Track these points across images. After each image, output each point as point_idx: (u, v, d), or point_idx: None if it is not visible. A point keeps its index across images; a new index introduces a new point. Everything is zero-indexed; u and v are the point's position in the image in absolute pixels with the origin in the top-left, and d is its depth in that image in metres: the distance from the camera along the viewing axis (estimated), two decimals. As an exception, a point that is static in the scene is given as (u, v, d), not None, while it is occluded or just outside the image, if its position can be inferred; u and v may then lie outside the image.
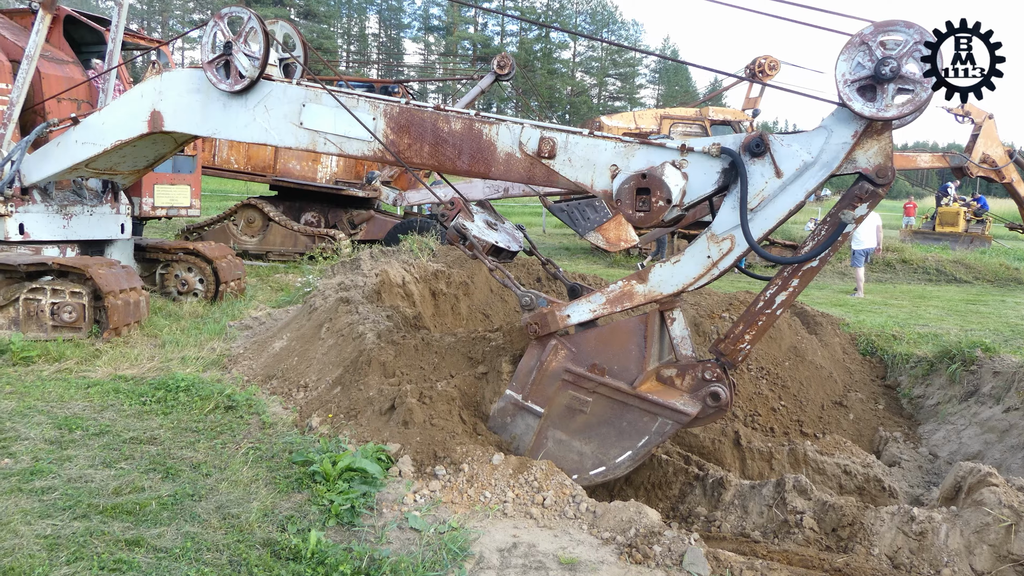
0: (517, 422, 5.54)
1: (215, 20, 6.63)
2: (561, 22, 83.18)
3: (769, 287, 5.16)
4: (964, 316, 12.55)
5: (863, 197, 4.83)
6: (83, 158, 7.94)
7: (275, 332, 8.02)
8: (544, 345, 5.46)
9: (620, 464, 5.33)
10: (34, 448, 4.87)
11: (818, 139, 4.88)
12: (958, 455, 7.42)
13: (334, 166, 16.02)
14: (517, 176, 5.91)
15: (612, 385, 5.27)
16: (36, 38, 8.51)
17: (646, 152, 5.31)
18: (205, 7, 68.37)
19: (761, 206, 4.97)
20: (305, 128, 6.53)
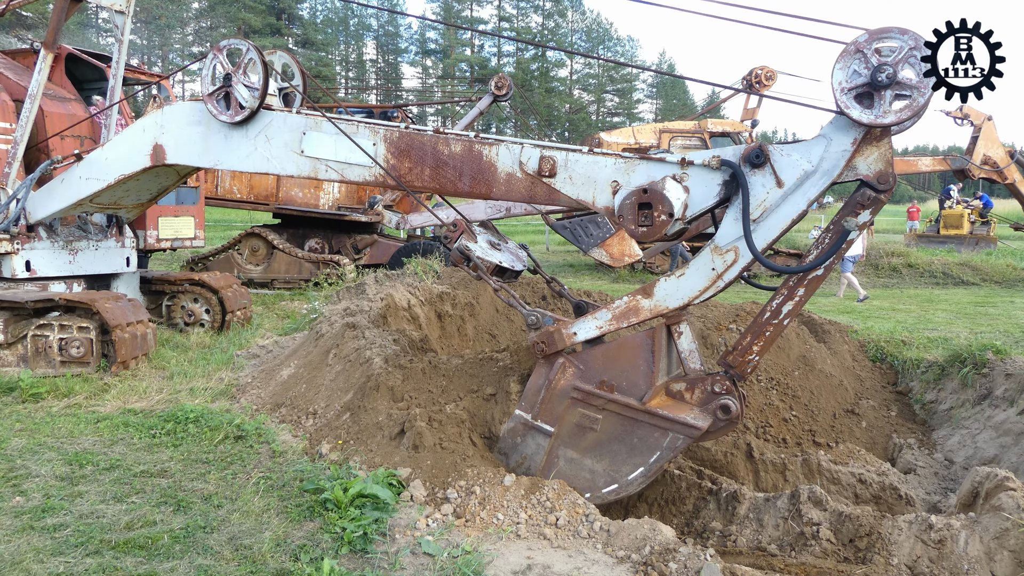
0: (527, 442, 5.49)
1: (214, 52, 6.67)
2: (557, 41, 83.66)
3: (775, 297, 5.13)
4: (973, 319, 12.49)
5: (865, 204, 4.84)
6: (87, 193, 7.98)
7: (282, 360, 8.01)
8: (552, 363, 5.42)
9: (632, 481, 5.29)
10: (45, 485, 4.86)
11: (818, 148, 4.88)
12: (974, 460, 7.35)
13: (336, 192, 16.08)
14: (518, 196, 5.89)
15: (621, 401, 5.24)
16: (39, 77, 8.57)
17: (646, 167, 5.31)
18: (204, 40, 68.99)
19: (763, 216, 4.97)
20: (306, 156, 6.56)
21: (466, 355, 7.03)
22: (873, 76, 4.52)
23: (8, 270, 8.65)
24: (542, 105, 74.06)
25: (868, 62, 4.53)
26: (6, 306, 7.83)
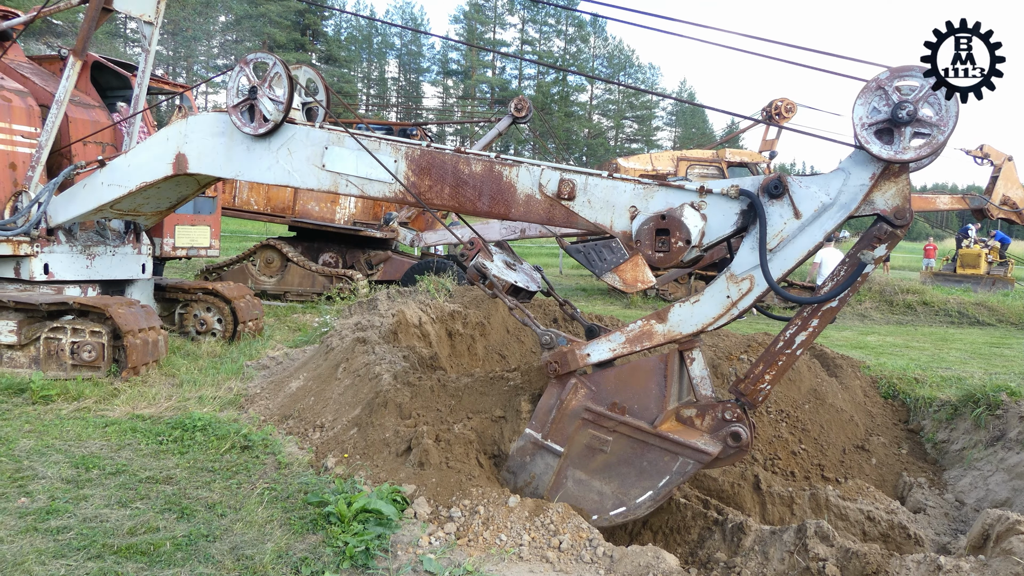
0: (536, 461, 5.44)
1: (241, 65, 6.79)
2: (579, 66, 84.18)
3: (789, 327, 5.13)
4: (988, 359, 12.37)
5: (882, 238, 4.86)
6: (108, 199, 8.08)
7: (292, 372, 8.03)
8: (564, 384, 5.40)
9: (640, 504, 5.25)
10: (51, 487, 4.87)
11: (836, 181, 4.90)
12: (985, 502, 7.26)
13: (352, 207, 16.17)
14: (537, 217, 5.95)
15: (633, 424, 5.22)
16: (66, 84, 8.69)
17: (665, 194, 5.37)
18: (229, 53, 69.86)
19: (780, 246, 4.99)
20: (327, 170, 6.66)
21: (476, 374, 7.04)
22: (894, 113, 4.56)
23: (27, 272, 8.72)
24: (561, 129, 74.47)
25: (889, 99, 4.58)
26: (21, 308, 7.89)
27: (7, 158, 8.77)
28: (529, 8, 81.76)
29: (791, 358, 5.13)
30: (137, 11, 8.84)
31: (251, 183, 15.58)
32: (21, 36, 9.84)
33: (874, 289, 21.06)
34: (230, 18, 68.19)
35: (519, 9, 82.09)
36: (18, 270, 8.79)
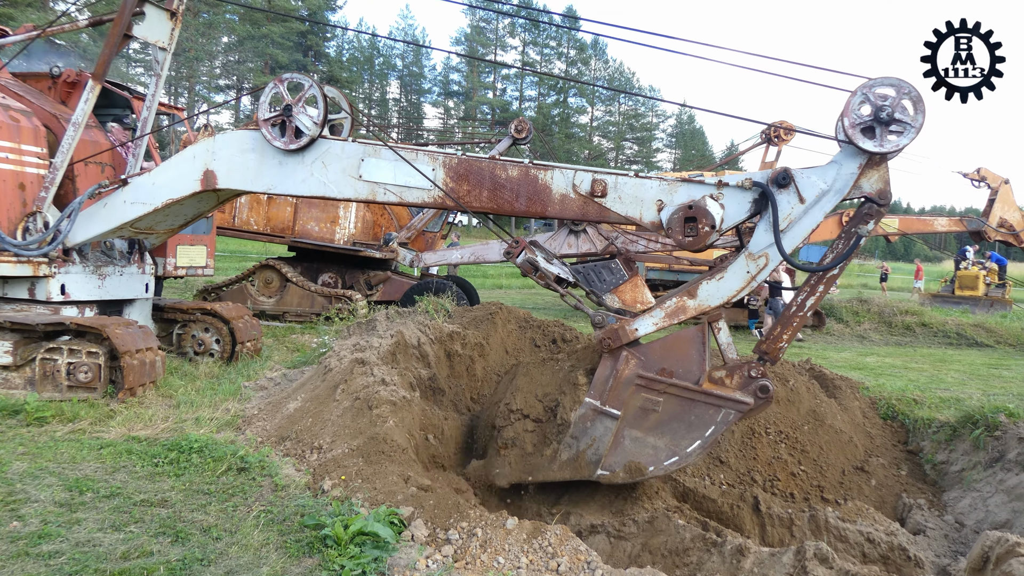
0: (596, 426, 6.20)
1: (275, 83, 7.34)
2: (579, 89, 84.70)
3: (799, 294, 6.15)
4: (986, 380, 12.35)
5: (871, 215, 5.88)
6: (132, 217, 8.35)
7: (290, 393, 8.00)
8: (617, 356, 6.20)
9: (691, 453, 6.15)
10: (43, 511, 4.83)
11: (831, 171, 5.94)
12: (985, 524, 7.22)
13: (352, 228, 16.20)
14: (571, 214, 6.74)
15: (681, 385, 6.11)
16: (84, 107, 8.73)
17: (687, 188, 6.31)
18: (231, 73, 70.29)
19: (789, 227, 5.97)
20: (364, 180, 7.21)
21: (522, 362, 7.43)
22: (876, 114, 5.59)
23: (43, 293, 8.76)
24: (561, 150, 74.75)
25: (872, 103, 5.59)
26: (16, 328, 7.87)
27: (16, 178, 8.80)
28: (530, 30, 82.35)
29: (802, 319, 6.16)
30: (153, 37, 8.95)
31: (251, 203, 15.66)
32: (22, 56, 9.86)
33: (873, 311, 21.07)
34: (232, 39, 68.63)
35: (520, 31, 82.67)
36: (33, 291, 8.80)
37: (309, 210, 16.11)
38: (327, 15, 73.87)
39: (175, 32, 9.21)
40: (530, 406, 6.74)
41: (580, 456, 6.29)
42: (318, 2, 73.57)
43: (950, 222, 20.86)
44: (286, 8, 68.22)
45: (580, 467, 6.35)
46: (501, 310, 10.65)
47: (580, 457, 6.29)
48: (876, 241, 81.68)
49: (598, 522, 6.14)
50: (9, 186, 8.69)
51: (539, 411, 6.75)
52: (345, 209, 16.03)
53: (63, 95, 9.86)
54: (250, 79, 67.99)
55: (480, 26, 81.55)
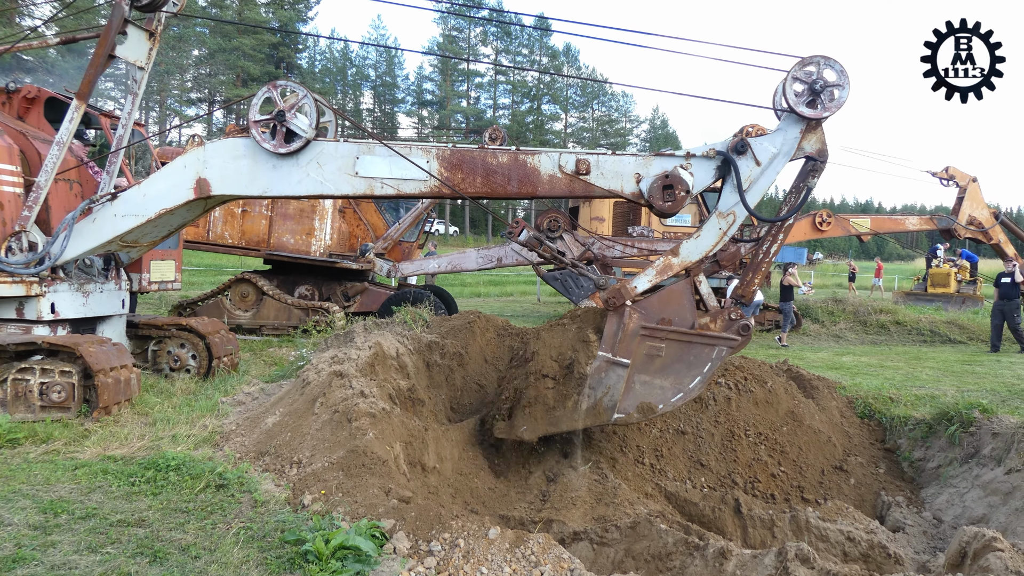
0: (610, 375, 7.11)
1: (269, 88, 7.77)
2: (552, 95, 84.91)
3: (763, 242, 7.57)
4: (960, 377, 12.52)
5: (815, 171, 7.17)
6: (123, 230, 8.50)
7: (268, 407, 7.93)
8: (622, 312, 7.12)
9: (693, 388, 7.20)
10: (17, 534, 4.74)
11: (778, 137, 7.14)
12: (962, 519, 7.31)
13: (328, 239, 16.12)
14: (560, 192, 7.52)
15: (679, 330, 7.16)
16: (69, 126, 8.69)
17: (660, 161, 7.35)
18: (203, 86, 69.80)
19: (750, 187, 7.10)
20: (361, 177, 7.73)
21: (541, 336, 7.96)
22: (812, 87, 6.84)
23: (33, 312, 8.71)
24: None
25: (805, 77, 6.86)
26: (-11, 349, 7.74)
27: None
28: (502, 39, 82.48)
29: (768, 264, 7.58)
30: (133, 57, 8.96)
31: (224, 217, 15.56)
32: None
33: (848, 310, 21.29)
34: (203, 52, 68.20)
35: (492, 40, 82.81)
36: (21, 311, 8.73)
37: (284, 223, 16.02)
38: (299, 26, 73.60)
39: (152, 52, 9.24)
40: (548, 366, 7.44)
41: (598, 404, 7.16)
42: (289, 14, 73.32)
43: (921, 221, 21.16)
44: (257, 20, 67.92)
45: (599, 413, 7.20)
46: (479, 319, 10.64)
47: (598, 405, 7.17)
48: (850, 241, 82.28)
49: (580, 529, 6.14)
50: None
51: (556, 370, 7.45)
52: (320, 221, 15.96)
53: (21, 111, 9.71)
54: (222, 92, 67.56)
55: (452, 35, 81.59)
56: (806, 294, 29.57)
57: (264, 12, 71.09)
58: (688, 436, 8.78)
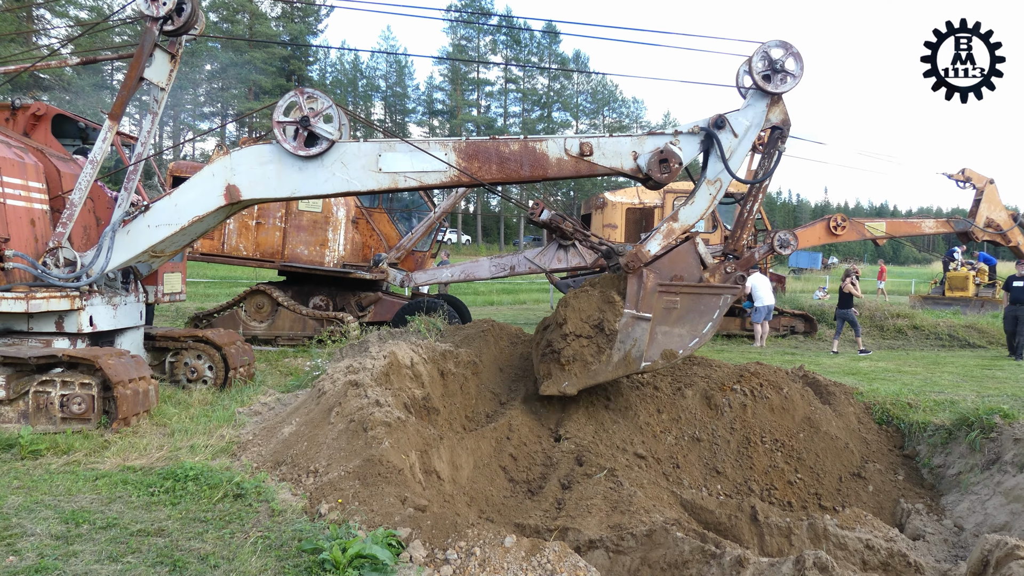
0: (635, 328, 8.35)
1: (296, 93, 8.46)
2: (563, 102, 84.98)
3: (746, 202, 9.20)
4: (980, 382, 12.40)
5: (782, 137, 8.64)
6: (157, 240, 8.93)
7: (284, 417, 7.98)
8: (640, 274, 8.40)
9: (707, 333, 8.53)
10: (40, 544, 4.79)
11: (749, 112, 8.52)
12: (984, 527, 7.23)
13: (341, 250, 16.20)
14: (567, 173, 8.57)
15: (691, 285, 8.51)
16: (103, 145, 8.92)
17: (653, 139, 8.59)
18: (215, 100, 70.30)
19: (731, 156, 8.44)
20: (385, 172, 8.48)
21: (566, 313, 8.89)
22: (773, 66, 8.32)
23: (73, 325, 8.91)
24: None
25: (768, 59, 8.34)
26: (9, 362, 7.83)
27: (28, 215, 8.87)
28: (512, 47, 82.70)
29: (752, 219, 9.24)
30: (156, 79, 9.17)
31: (239, 229, 15.68)
32: (4, 89, 9.88)
33: (864, 315, 21.14)
34: (215, 66, 68.75)
35: (502, 48, 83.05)
36: (61, 324, 8.90)
37: (298, 234, 16.12)
38: (309, 39, 74.06)
39: (173, 73, 9.42)
40: (580, 328, 8.57)
41: (628, 355, 8.34)
42: (300, 27, 73.81)
43: (937, 224, 20.99)
44: (268, 34, 68.39)
45: (629, 363, 8.37)
46: (493, 327, 10.65)
47: (628, 355, 8.35)
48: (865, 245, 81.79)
49: (596, 537, 6.13)
50: (24, 223, 8.76)
51: (587, 330, 8.56)
52: (334, 231, 16.05)
53: (28, 127, 9.82)
54: (234, 105, 68.02)
55: (462, 44, 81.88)
56: (821, 299, 29.38)
57: (275, 26, 71.56)
58: (704, 443, 8.75)
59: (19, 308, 8.40)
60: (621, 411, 9.12)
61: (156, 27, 8.86)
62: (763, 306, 18.46)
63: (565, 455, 8.17)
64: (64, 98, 41.79)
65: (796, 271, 54.93)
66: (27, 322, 8.86)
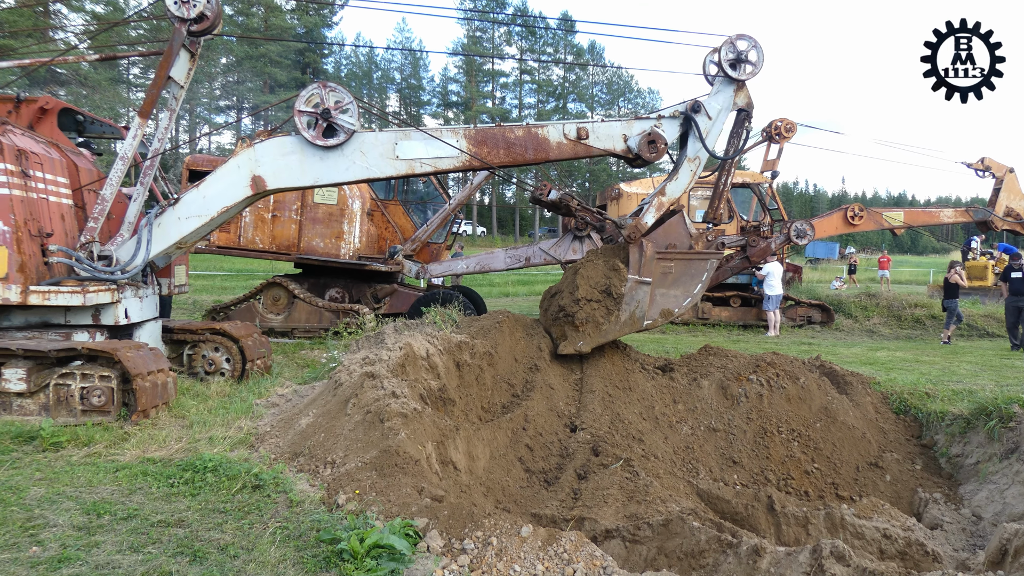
0: (638, 292, 9.54)
1: (319, 86, 8.96)
2: (578, 93, 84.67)
3: (721, 175, 11.48)
4: (999, 371, 12.29)
5: (748, 118, 10.00)
6: (188, 231, 9.25)
7: (301, 409, 8.03)
8: (640, 244, 9.54)
9: (697, 293, 9.74)
10: (62, 535, 4.86)
11: (719, 96, 9.67)
12: (1003, 516, 7.19)
13: (357, 242, 16.24)
14: (567, 155, 9.43)
15: (683, 251, 9.68)
16: (133, 142, 9.11)
17: (639, 123, 9.63)
18: (231, 94, 70.55)
19: (707, 135, 9.57)
20: (402, 159, 9.11)
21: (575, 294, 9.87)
22: (738, 57, 9.48)
23: (110, 318, 9.13)
24: (562, 156, 74.79)
25: (735, 50, 9.51)
26: (30, 355, 7.92)
27: (59, 210, 9.03)
28: (527, 38, 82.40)
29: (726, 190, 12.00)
30: (177, 76, 9.35)
31: (255, 222, 15.76)
32: (21, 84, 9.98)
33: (882, 305, 20.99)
34: (231, 59, 68.94)
35: (517, 40, 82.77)
36: (98, 317, 9.09)
37: (314, 226, 16.17)
38: (324, 32, 74.13)
39: (191, 71, 9.59)
40: (590, 292, 9.66)
41: (633, 315, 9.56)
42: (315, 20, 73.87)
43: (956, 213, 20.77)
44: (283, 28, 68.49)
45: (634, 322, 9.59)
46: (508, 318, 10.66)
47: (633, 315, 9.56)
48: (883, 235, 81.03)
49: (612, 527, 6.14)
50: (56, 218, 8.87)
51: (596, 295, 9.64)
52: (349, 224, 16.09)
53: (33, 120, 9.89)
54: (250, 99, 68.22)
55: (477, 36, 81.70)
56: (838, 289, 29.19)
57: (290, 19, 71.63)
58: (720, 433, 8.73)
59: (76, 301, 8.61)
60: (637, 400, 9.12)
61: (185, 28, 9.02)
62: (775, 295, 18.59)
63: (581, 445, 8.18)
64: (81, 93, 42.07)
65: (813, 261, 54.56)
66: (64, 315, 9.00)
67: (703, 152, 9.46)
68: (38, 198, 8.69)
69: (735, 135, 9.99)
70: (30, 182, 8.59)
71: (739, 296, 20.50)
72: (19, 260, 8.39)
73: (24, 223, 8.43)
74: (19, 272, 8.40)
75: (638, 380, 9.52)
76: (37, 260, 8.64)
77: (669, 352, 13.36)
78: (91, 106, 40.17)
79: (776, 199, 21.16)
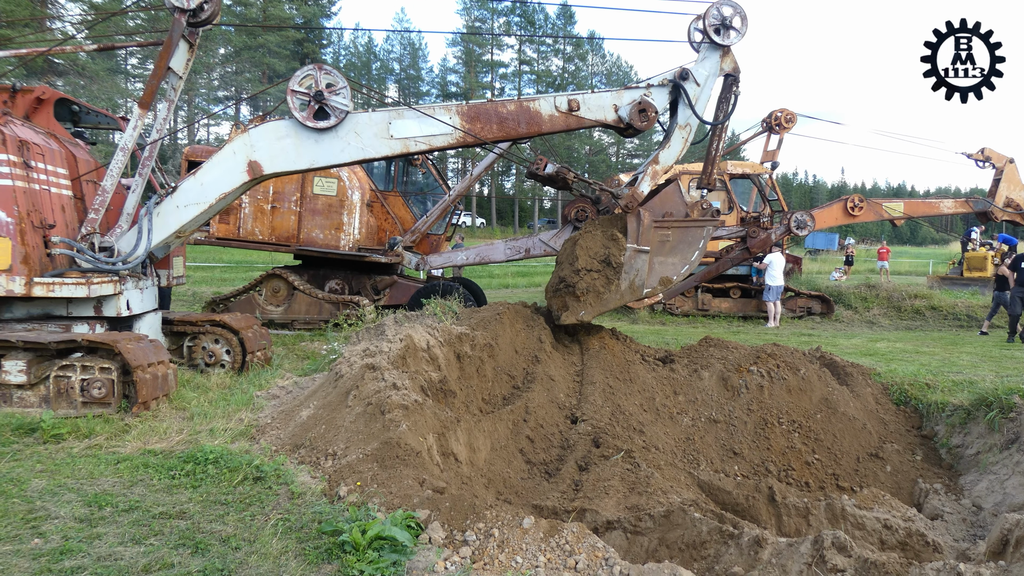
0: (636, 260, 9.65)
1: (315, 68, 8.96)
2: (578, 83, 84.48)
3: (712, 144, 10.37)
4: (999, 362, 12.30)
5: (735, 83, 9.84)
6: (187, 219, 9.22)
7: (302, 400, 8.03)
8: (637, 213, 9.70)
9: (694, 260, 9.81)
10: (64, 527, 4.86)
11: (706, 63, 9.73)
12: (1003, 506, 7.20)
13: (356, 233, 16.21)
14: (560, 127, 9.43)
15: (680, 220, 9.75)
16: (132, 133, 9.11)
17: (629, 92, 9.68)
18: (229, 84, 70.40)
19: (696, 102, 9.66)
20: (396, 138, 9.05)
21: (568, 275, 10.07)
22: (722, 23, 9.53)
23: (112, 309, 9.12)
24: (562, 147, 74.69)
25: (719, 15, 9.52)
26: (30, 347, 7.91)
27: (60, 201, 9.02)
28: (526, 28, 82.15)
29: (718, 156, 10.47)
30: (176, 67, 9.33)
31: (254, 213, 15.73)
32: (18, 74, 9.94)
33: (882, 296, 21.00)
34: (229, 50, 68.73)
35: (516, 30, 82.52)
36: (100, 308, 9.08)
37: (313, 218, 16.14)
38: (323, 21, 73.89)
39: (190, 62, 9.55)
40: (590, 263, 9.78)
41: (632, 283, 9.66)
42: (313, 9, 73.64)
43: (956, 204, 20.75)
44: (282, 17, 68.26)
45: (634, 290, 9.69)
46: (508, 309, 10.66)
47: (633, 283, 9.66)
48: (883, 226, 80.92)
49: (614, 518, 6.15)
50: (57, 209, 8.86)
51: (596, 264, 9.76)
52: (349, 215, 16.06)
53: (30, 110, 9.84)
54: (248, 89, 68.05)
55: (476, 25, 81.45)
56: (838, 280, 29.19)
57: (288, 8, 71.41)
58: (721, 425, 8.74)
59: (81, 293, 8.60)
60: (638, 392, 9.12)
61: (184, 18, 8.99)
62: (776, 285, 18.66)
63: (582, 437, 8.19)
64: (79, 83, 41.92)
65: (812, 252, 54.55)
66: (67, 307, 8.99)
67: (693, 119, 9.58)
68: (40, 189, 8.67)
69: (724, 100, 9.96)
70: (32, 173, 8.57)
71: (739, 287, 20.51)
72: (23, 252, 8.37)
73: (27, 214, 8.41)
74: (23, 264, 8.38)
75: (639, 371, 9.52)
76: (40, 252, 8.62)
77: (669, 343, 13.36)
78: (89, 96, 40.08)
79: (776, 190, 21.13)
